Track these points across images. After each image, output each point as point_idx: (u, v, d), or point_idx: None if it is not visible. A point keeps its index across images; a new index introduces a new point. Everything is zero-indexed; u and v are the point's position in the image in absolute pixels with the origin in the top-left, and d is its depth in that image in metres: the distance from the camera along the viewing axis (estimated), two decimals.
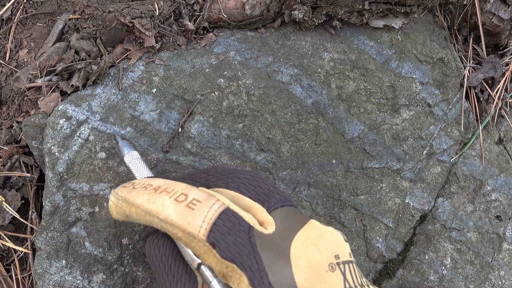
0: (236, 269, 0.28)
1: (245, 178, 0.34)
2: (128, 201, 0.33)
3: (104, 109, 0.49)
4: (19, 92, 0.51)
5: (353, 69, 0.57)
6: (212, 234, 0.29)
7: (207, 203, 0.30)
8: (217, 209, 0.30)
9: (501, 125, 0.66)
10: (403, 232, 0.57)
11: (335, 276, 0.30)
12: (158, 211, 0.31)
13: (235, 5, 0.54)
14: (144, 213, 0.32)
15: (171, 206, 0.31)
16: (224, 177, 0.35)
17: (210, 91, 0.51)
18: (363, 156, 0.56)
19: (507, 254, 0.61)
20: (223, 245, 0.29)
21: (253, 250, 0.29)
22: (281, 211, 0.33)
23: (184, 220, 0.30)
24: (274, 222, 0.31)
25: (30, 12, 0.56)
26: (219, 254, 0.29)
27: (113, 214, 0.35)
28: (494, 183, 0.62)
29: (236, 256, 0.28)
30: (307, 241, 0.31)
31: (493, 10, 0.63)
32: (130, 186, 0.35)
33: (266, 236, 0.30)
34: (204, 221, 0.29)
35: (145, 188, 0.33)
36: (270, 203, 0.33)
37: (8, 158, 0.50)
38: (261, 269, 0.28)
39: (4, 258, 0.53)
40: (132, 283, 0.47)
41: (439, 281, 0.57)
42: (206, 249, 0.29)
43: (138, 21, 0.49)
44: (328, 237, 0.32)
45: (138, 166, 0.41)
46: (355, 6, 0.54)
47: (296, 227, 0.31)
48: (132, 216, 0.33)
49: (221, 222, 0.29)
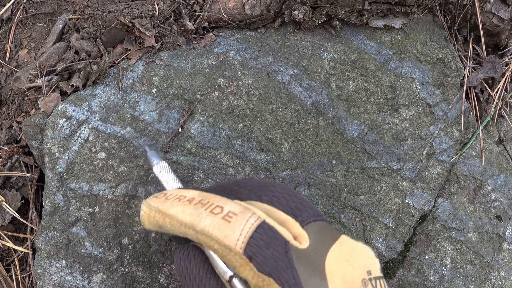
0: (273, 283, 0.28)
1: (278, 192, 0.35)
2: (162, 211, 0.33)
3: (104, 109, 0.49)
4: (19, 92, 0.51)
5: (353, 69, 0.57)
6: (249, 247, 0.29)
7: (243, 216, 0.30)
8: (254, 222, 0.30)
9: (501, 125, 0.66)
10: (403, 232, 0.57)
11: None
12: (194, 223, 0.31)
13: (235, 5, 0.54)
14: (179, 224, 0.32)
15: (208, 218, 0.31)
16: (257, 190, 0.35)
17: (210, 91, 0.51)
18: (363, 156, 0.56)
19: (507, 254, 0.61)
20: (260, 259, 0.29)
21: (290, 265, 0.29)
22: (314, 225, 0.33)
23: (221, 232, 0.30)
24: (308, 236, 0.32)
25: (30, 12, 0.56)
26: (256, 268, 0.29)
27: (145, 224, 0.35)
28: (494, 183, 0.62)
29: (274, 270, 0.29)
30: (340, 256, 0.31)
31: (493, 10, 0.63)
32: (162, 197, 0.35)
33: (301, 251, 0.30)
34: (241, 234, 0.30)
35: (179, 199, 0.33)
36: (303, 218, 0.33)
37: (8, 158, 0.50)
38: (298, 284, 0.28)
39: (4, 258, 0.53)
40: (132, 283, 0.47)
41: (439, 281, 0.57)
42: (243, 262, 0.29)
43: (138, 21, 0.49)
44: (360, 253, 0.32)
45: (167, 177, 0.41)
46: (355, 6, 0.54)
47: (329, 242, 0.32)
48: (165, 227, 0.33)
49: (258, 235, 0.30)
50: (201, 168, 0.50)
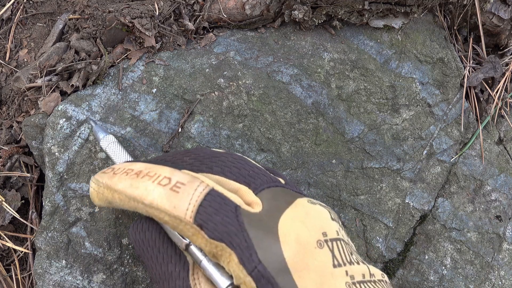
0: (226, 248, 0.28)
1: (229, 161, 0.34)
2: (110, 187, 0.33)
3: (104, 109, 0.49)
4: (19, 92, 0.51)
5: (353, 69, 0.57)
6: (199, 216, 0.29)
7: (191, 185, 0.30)
8: (202, 190, 0.30)
9: (501, 125, 0.66)
10: (403, 232, 0.57)
11: (323, 253, 0.30)
12: (142, 196, 0.31)
13: (235, 5, 0.54)
14: (128, 198, 0.31)
15: (155, 190, 0.30)
16: (207, 161, 0.34)
17: (210, 91, 0.51)
18: (363, 156, 0.56)
19: (507, 254, 0.61)
20: (210, 226, 0.29)
21: (241, 229, 0.29)
22: (268, 192, 0.33)
23: (169, 203, 0.30)
24: (261, 202, 0.31)
25: (30, 12, 0.56)
26: (207, 235, 0.29)
27: (95, 201, 0.35)
28: (494, 183, 0.62)
29: (225, 236, 0.29)
30: (294, 218, 0.31)
31: (493, 10, 0.63)
32: (110, 172, 0.34)
33: (253, 215, 0.30)
34: (190, 203, 0.29)
35: (126, 173, 0.33)
36: (256, 185, 0.33)
37: (8, 158, 0.50)
38: (250, 247, 0.28)
39: (4, 258, 0.53)
40: (132, 283, 0.47)
41: (439, 281, 0.57)
42: (194, 231, 0.29)
43: (138, 21, 0.49)
44: (315, 215, 0.32)
45: (116, 151, 0.40)
46: (355, 6, 0.54)
47: (283, 206, 0.31)
48: (115, 202, 0.33)
49: (207, 203, 0.29)
50: None
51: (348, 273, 0.30)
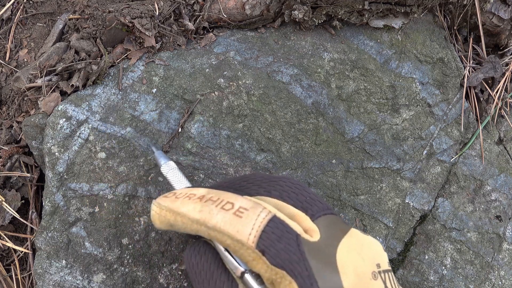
0: (286, 276, 0.29)
1: (287, 186, 0.35)
2: (173, 210, 0.33)
3: (104, 109, 0.49)
4: (19, 92, 0.51)
5: (353, 69, 0.57)
6: (261, 241, 0.29)
7: (254, 211, 0.31)
8: (265, 216, 0.30)
9: (501, 125, 0.66)
10: (403, 232, 0.57)
11: (377, 284, 0.30)
12: (206, 219, 0.31)
13: (235, 5, 0.54)
14: (191, 222, 0.32)
15: (219, 215, 0.31)
16: (265, 185, 0.35)
17: (210, 91, 0.51)
18: (363, 156, 0.56)
19: (507, 254, 0.61)
20: (273, 252, 0.29)
21: (302, 257, 0.29)
22: (324, 219, 0.33)
23: (232, 227, 0.30)
24: (318, 230, 0.32)
25: (30, 12, 0.56)
26: (269, 261, 0.29)
27: (156, 223, 0.35)
28: (494, 183, 0.62)
29: (286, 263, 0.29)
30: (351, 249, 0.31)
31: (493, 10, 0.63)
32: (172, 196, 0.35)
33: (312, 244, 0.30)
34: (253, 229, 0.30)
35: (189, 198, 0.33)
36: (313, 211, 0.33)
37: (8, 158, 0.50)
38: (311, 276, 0.28)
39: (4, 258, 0.53)
40: (132, 283, 0.47)
41: (439, 281, 0.57)
42: (255, 256, 0.29)
43: (138, 21, 0.49)
44: (369, 246, 0.32)
45: (176, 176, 0.41)
46: (355, 6, 0.54)
47: (339, 235, 0.32)
48: (177, 225, 0.33)
49: (269, 229, 0.30)
50: (201, 168, 0.50)
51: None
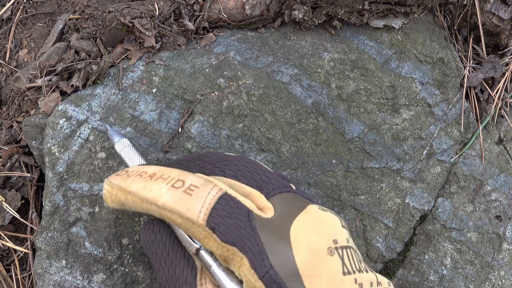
0: (237, 252, 0.28)
1: (242, 165, 0.34)
2: (124, 188, 0.33)
3: (104, 109, 0.49)
4: (19, 92, 0.51)
5: (353, 69, 0.57)
6: (211, 219, 0.29)
7: (205, 189, 0.30)
8: (215, 194, 0.30)
9: (501, 125, 0.66)
10: (403, 232, 0.57)
11: (334, 260, 0.30)
12: (156, 198, 0.31)
13: (235, 5, 0.54)
14: (141, 200, 0.32)
15: (169, 193, 0.30)
16: (220, 164, 0.35)
17: (210, 91, 0.51)
18: (363, 156, 0.56)
19: (507, 254, 0.61)
20: (223, 229, 0.29)
21: (254, 233, 0.29)
22: (280, 197, 0.33)
23: (182, 206, 0.30)
24: (273, 207, 0.31)
25: (30, 12, 0.56)
26: (220, 238, 0.29)
27: (108, 202, 0.35)
28: (494, 183, 0.62)
29: (237, 239, 0.29)
30: (306, 225, 0.31)
31: (493, 10, 0.63)
32: (124, 174, 0.35)
33: (265, 220, 0.30)
34: (203, 206, 0.29)
35: (140, 176, 0.33)
36: (268, 189, 0.33)
37: (8, 158, 0.50)
38: (262, 251, 0.28)
39: (4, 258, 0.53)
40: (132, 283, 0.47)
41: (439, 281, 0.57)
42: (206, 234, 0.29)
43: (138, 21, 0.49)
44: (326, 222, 0.32)
45: (130, 154, 0.40)
46: (355, 6, 0.54)
47: (295, 212, 0.31)
48: (128, 204, 0.33)
49: (220, 206, 0.30)
50: None
51: (357, 281, 0.30)
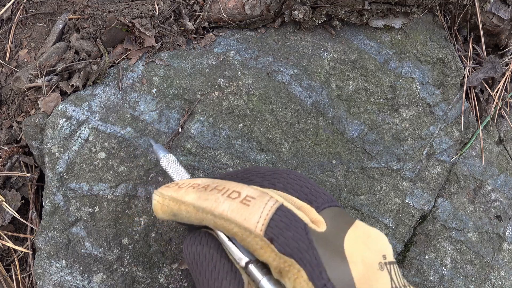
0: (295, 264, 0.28)
1: (291, 178, 0.34)
2: (177, 199, 0.33)
3: (104, 109, 0.49)
4: (19, 92, 0.51)
5: (353, 69, 0.57)
6: (270, 229, 0.29)
7: (262, 200, 0.30)
8: (273, 205, 0.30)
9: (501, 125, 0.66)
10: (403, 232, 0.57)
11: (384, 275, 0.30)
12: (212, 207, 0.30)
13: (235, 5, 0.54)
14: (196, 210, 0.31)
15: (226, 203, 0.30)
16: (269, 177, 0.34)
17: (210, 91, 0.51)
18: (363, 156, 0.56)
19: (507, 254, 0.61)
20: (281, 240, 0.29)
21: (311, 246, 0.29)
22: (329, 211, 0.33)
23: (240, 215, 0.30)
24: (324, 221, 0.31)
25: (30, 12, 0.56)
26: (278, 249, 0.29)
27: (159, 213, 0.34)
28: (494, 183, 0.62)
29: (295, 251, 0.28)
30: (357, 239, 0.31)
31: (493, 10, 0.63)
32: (174, 186, 0.34)
33: (319, 234, 0.30)
34: (261, 217, 0.29)
35: (193, 187, 0.33)
36: (318, 203, 0.33)
37: (8, 158, 0.50)
38: (320, 265, 0.28)
39: (4, 258, 0.53)
40: (132, 283, 0.47)
41: (439, 281, 0.57)
42: (263, 244, 0.29)
43: (138, 21, 0.49)
44: (375, 237, 0.32)
45: (176, 168, 0.40)
46: (355, 6, 0.54)
47: (345, 226, 0.31)
48: (180, 214, 0.33)
49: (278, 217, 0.29)
50: (201, 168, 0.50)
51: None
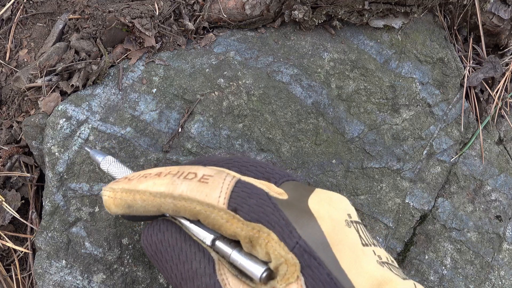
0: (263, 228, 0.28)
1: (244, 161, 0.35)
2: (130, 189, 0.32)
3: (104, 109, 0.49)
4: (19, 92, 0.51)
5: (353, 69, 0.57)
6: (232, 200, 0.29)
7: (220, 176, 0.30)
8: (231, 180, 0.30)
9: (501, 125, 0.66)
10: (403, 232, 0.57)
11: (352, 231, 0.30)
12: (170, 190, 0.30)
13: (235, 5, 0.54)
14: (153, 196, 0.31)
15: (183, 184, 0.30)
16: (223, 163, 0.34)
17: (210, 91, 0.51)
18: (363, 156, 0.56)
19: (507, 254, 0.61)
20: (246, 208, 0.29)
21: (277, 209, 0.29)
22: (288, 184, 0.33)
23: (200, 193, 0.30)
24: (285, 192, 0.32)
25: (30, 12, 0.56)
26: (243, 217, 0.29)
27: (111, 208, 0.33)
28: (494, 183, 0.62)
29: (261, 216, 0.29)
30: (321, 201, 0.31)
31: (493, 10, 0.63)
32: (124, 179, 0.34)
33: (282, 200, 0.30)
34: (222, 191, 0.29)
35: (145, 177, 0.32)
36: (276, 179, 0.33)
37: (8, 158, 0.50)
38: (289, 224, 0.28)
39: (4, 258, 0.53)
40: (132, 283, 0.47)
41: (439, 281, 0.57)
42: (228, 217, 0.29)
43: (138, 21, 0.49)
44: (338, 198, 0.32)
45: (119, 169, 0.39)
46: (355, 6, 0.54)
47: (306, 193, 0.32)
48: (136, 205, 0.32)
49: (238, 189, 0.30)
50: None
51: (376, 253, 0.30)
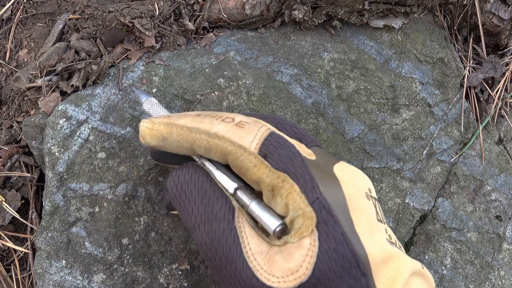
0: (288, 179, 0.29)
1: (280, 119, 0.35)
2: (169, 123, 0.33)
3: (104, 109, 0.49)
4: (19, 92, 0.51)
5: (353, 69, 0.57)
6: (264, 147, 0.30)
7: (256, 124, 0.31)
8: (266, 130, 0.31)
9: (501, 125, 0.66)
10: (403, 232, 0.57)
11: (370, 204, 0.31)
12: (207, 127, 0.31)
13: (235, 5, 0.54)
14: (189, 131, 0.32)
15: (221, 125, 0.31)
16: (260, 118, 0.35)
17: (210, 91, 0.51)
18: (363, 156, 0.56)
19: (507, 254, 0.61)
20: (275, 157, 0.29)
21: (304, 164, 0.29)
22: (317, 149, 0.34)
23: (235, 135, 0.30)
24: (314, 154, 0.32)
25: (30, 12, 0.56)
26: (271, 165, 0.29)
27: (146, 138, 0.34)
28: (494, 183, 0.62)
29: (289, 166, 0.29)
30: (345, 170, 0.32)
31: (493, 10, 0.63)
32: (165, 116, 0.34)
33: (310, 160, 0.31)
34: (256, 137, 0.30)
35: (185, 116, 0.33)
36: (307, 141, 0.34)
37: (8, 158, 0.50)
38: (313, 180, 0.29)
39: (4, 258, 0.53)
40: (132, 283, 0.47)
41: (439, 281, 0.57)
42: (257, 162, 0.30)
43: (138, 21, 0.49)
44: (361, 174, 0.33)
45: (159, 110, 0.39)
46: (355, 6, 0.54)
47: (333, 160, 0.32)
48: (170, 138, 0.33)
49: (271, 139, 0.30)
50: None
51: (387, 231, 0.31)
